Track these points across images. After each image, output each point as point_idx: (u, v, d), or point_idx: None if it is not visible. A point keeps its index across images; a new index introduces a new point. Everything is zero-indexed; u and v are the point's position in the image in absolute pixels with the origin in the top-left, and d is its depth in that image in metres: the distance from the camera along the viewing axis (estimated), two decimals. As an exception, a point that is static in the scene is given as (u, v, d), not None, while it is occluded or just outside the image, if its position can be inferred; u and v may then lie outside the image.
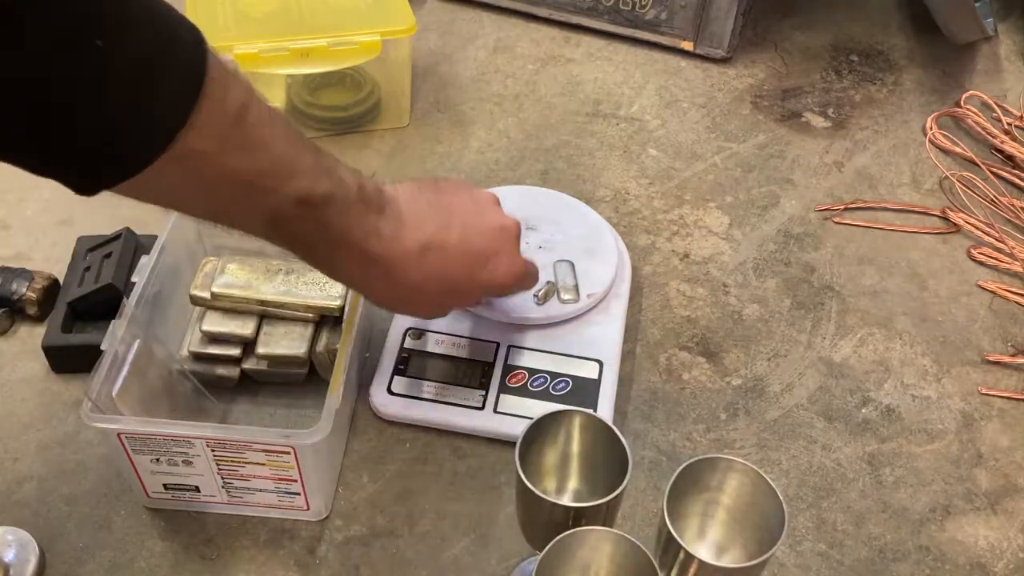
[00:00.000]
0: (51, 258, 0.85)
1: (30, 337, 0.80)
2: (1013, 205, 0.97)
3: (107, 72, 0.40)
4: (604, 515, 0.55)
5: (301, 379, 0.76)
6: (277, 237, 0.54)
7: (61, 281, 0.81)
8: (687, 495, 0.55)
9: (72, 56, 0.39)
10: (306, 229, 0.54)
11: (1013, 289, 0.89)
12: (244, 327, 0.74)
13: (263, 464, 0.64)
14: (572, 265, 0.81)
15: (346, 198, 0.55)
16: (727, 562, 0.56)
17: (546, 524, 0.55)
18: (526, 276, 0.70)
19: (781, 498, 0.52)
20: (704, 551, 0.57)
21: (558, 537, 0.51)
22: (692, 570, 0.52)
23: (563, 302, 0.78)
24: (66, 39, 0.39)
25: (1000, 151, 1.04)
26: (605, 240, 0.84)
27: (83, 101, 0.40)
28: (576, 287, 0.79)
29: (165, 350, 0.72)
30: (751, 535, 0.55)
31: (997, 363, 0.83)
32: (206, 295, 0.73)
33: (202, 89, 0.43)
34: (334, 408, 0.63)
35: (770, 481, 0.53)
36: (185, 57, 0.43)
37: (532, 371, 0.76)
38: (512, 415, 0.73)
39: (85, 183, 0.45)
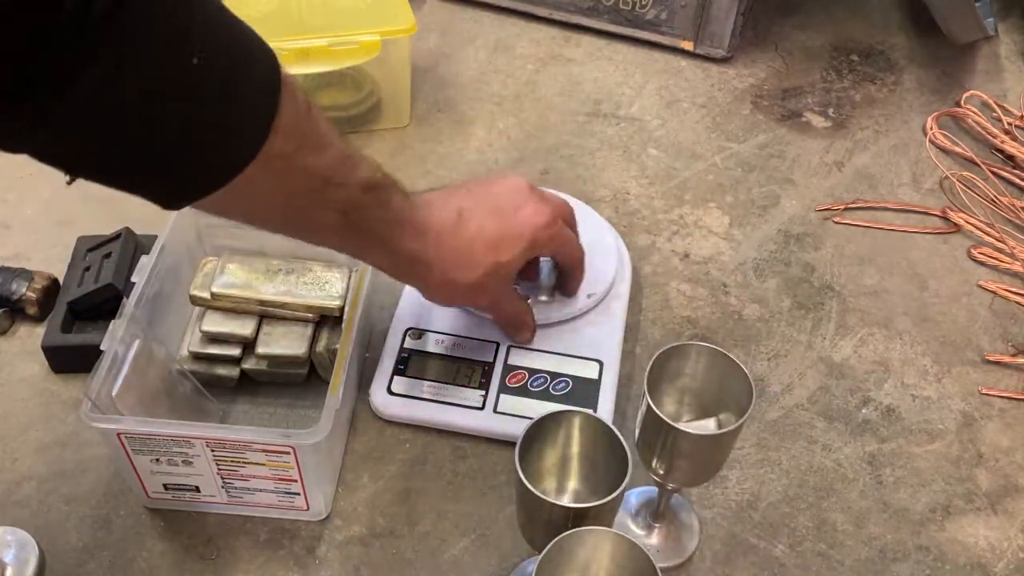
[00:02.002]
0: (51, 258, 0.85)
1: (30, 337, 0.80)
2: (1013, 205, 0.97)
3: (203, 86, 0.42)
4: (604, 516, 0.55)
5: (301, 379, 0.76)
6: (349, 231, 0.58)
7: (61, 281, 0.81)
8: (662, 382, 0.60)
9: (173, 72, 0.41)
10: (375, 215, 0.59)
11: (1013, 289, 0.89)
12: (244, 327, 0.74)
13: (263, 464, 0.64)
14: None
15: (387, 178, 0.59)
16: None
17: (546, 525, 0.55)
18: (554, 222, 0.70)
19: (747, 373, 0.57)
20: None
21: (558, 538, 0.51)
22: (680, 443, 0.57)
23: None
24: (167, 55, 0.41)
25: (1000, 151, 1.04)
26: (605, 240, 0.84)
27: (180, 116, 0.42)
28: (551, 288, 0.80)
29: (165, 350, 0.72)
30: (723, 412, 0.60)
31: (997, 363, 0.83)
32: (206, 295, 0.73)
33: (280, 92, 0.46)
34: (334, 408, 0.63)
35: (736, 360, 0.58)
36: (264, 65, 0.46)
37: (532, 371, 0.76)
38: (512, 415, 0.73)
39: (176, 195, 0.47)
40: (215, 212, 0.53)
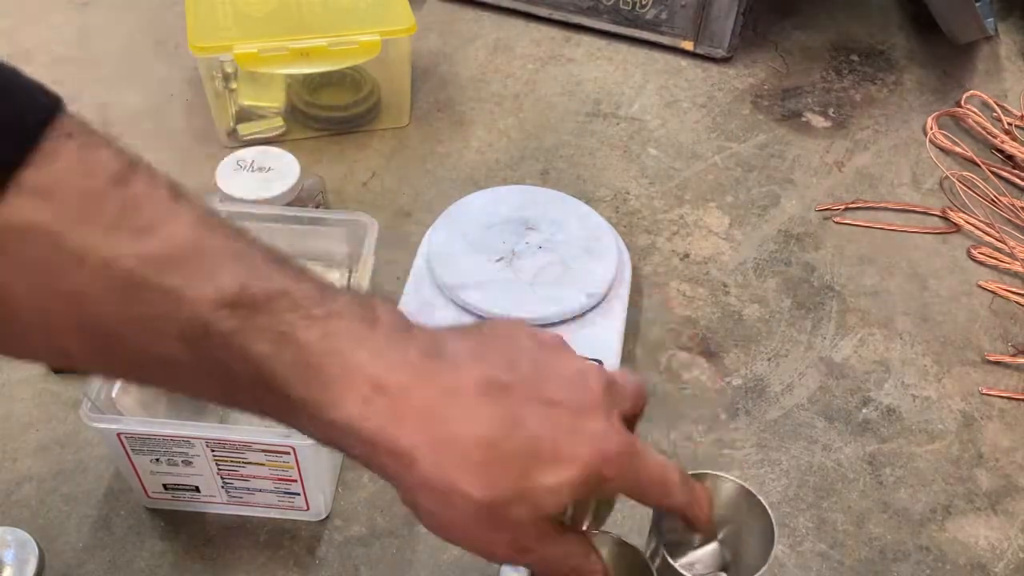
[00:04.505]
0: (51, 258, 0.85)
1: (30, 337, 0.80)
2: (1013, 205, 0.97)
3: None
4: (602, 517, 0.55)
5: (301, 379, 0.76)
6: (206, 373, 0.36)
7: (61, 281, 0.81)
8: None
9: None
10: (255, 350, 0.35)
11: (1013, 289, 0.89)
12: (244, 327, 0.74)
13: (263, 464, 0.64)
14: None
15: (322, 302, 0.36)
16: None
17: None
18: (628, 451, 0.40)
19: (770, 512, 0.49)
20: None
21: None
22: None
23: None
24: None
25: (1000, 151, 1.04)
26: (605, 240, 0.84)
27: None
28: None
29: (165, 350, 0.72)
30: (742, 550, 0.52)
31: (997, 363, 0.83)
32: (206, 295, 0.73)
33: (39, 137, 0.33)
34: (334, 408, 0.62)
35: (757, 494, 0.50)
36: (17, 101, 0.34)
37: (532, 371, 0.75)
38: (512, 415, 0.73)
39: None
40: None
